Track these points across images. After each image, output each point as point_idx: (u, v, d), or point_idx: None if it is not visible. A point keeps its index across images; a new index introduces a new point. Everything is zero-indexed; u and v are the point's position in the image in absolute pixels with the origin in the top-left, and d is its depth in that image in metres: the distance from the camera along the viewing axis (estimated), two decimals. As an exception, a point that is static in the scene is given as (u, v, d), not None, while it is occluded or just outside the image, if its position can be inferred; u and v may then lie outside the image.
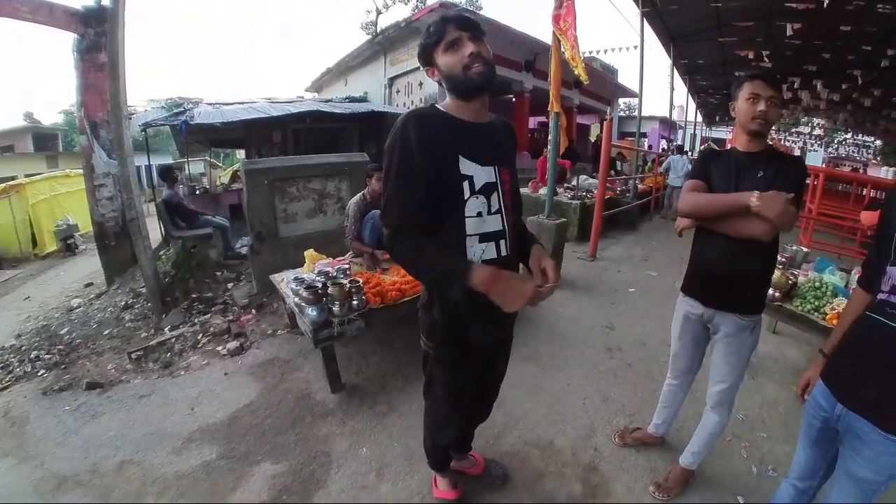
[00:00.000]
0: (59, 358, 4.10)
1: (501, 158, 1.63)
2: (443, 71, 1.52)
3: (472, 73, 1.47)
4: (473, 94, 1.54)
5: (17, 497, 2.51)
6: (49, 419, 3.19)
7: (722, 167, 2.00)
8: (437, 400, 1.94)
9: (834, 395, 1.54)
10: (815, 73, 9.55)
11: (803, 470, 1.79)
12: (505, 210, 1.62)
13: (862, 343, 1.50)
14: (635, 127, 11.95)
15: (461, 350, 1.72)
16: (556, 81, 5.31)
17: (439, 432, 2.06)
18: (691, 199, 1.99)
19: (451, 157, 1.51)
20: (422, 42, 1.55)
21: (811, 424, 1.68)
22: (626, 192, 9.66)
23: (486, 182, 1.56)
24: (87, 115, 5.67)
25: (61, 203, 11.26)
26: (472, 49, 1.46)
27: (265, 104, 9.25)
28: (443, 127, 1.52)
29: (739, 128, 1.99)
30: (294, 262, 4.16)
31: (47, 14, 5.25)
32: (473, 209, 1.55)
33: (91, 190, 5.83)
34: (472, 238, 1.56)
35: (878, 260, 1.52)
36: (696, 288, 2.15)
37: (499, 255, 1.61)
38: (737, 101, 1.95)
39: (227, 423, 3.01)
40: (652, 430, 2.69)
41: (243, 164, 5.05)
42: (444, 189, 1.52)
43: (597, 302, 5.08)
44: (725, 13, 8.19)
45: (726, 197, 1.88)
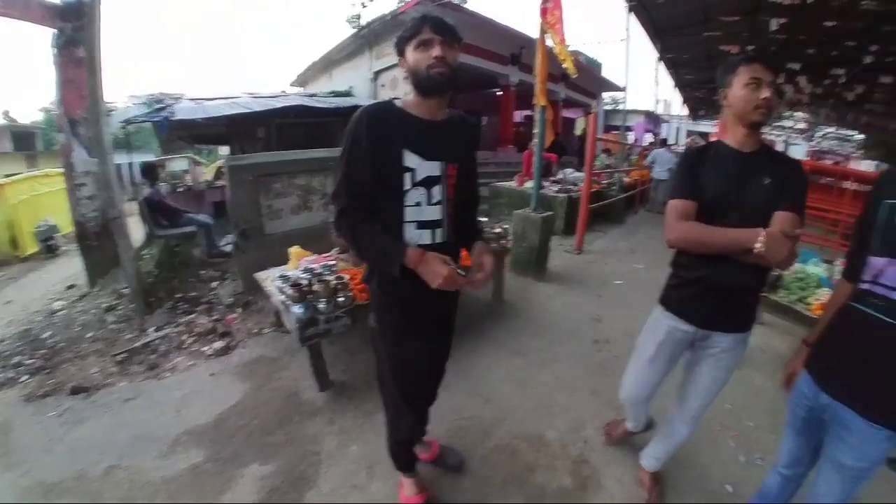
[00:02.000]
0: (43, 363, 4.01)
1: (451, 154, 1.73)
2: (409, 65, 1.64)
3: (434, 73, 1.58)
4: (431, 92, 1.65)
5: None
6: (33, 426, 3.13)
7: (717, 171, 1.75)
8: (389, 385, 2.03)
9: (818, 384, 1.58)
10: (800, 68, 9.61)
11: (789, 458, 1.84)
12: (447, 202, 1.74)
13: (845, 333, 1.54)
14: (620, 121, 12.02)
15: (400, 319, 1.85)
16: (542, 75, 5.30)
17: (397, 421, 2.11)
18: (682, 232, 1.74)
19: (396, 150, 1.63)
20: (399, 34, 1.66)
21: (796, 413, 1.73)
22: (612, 186, 9.69)
23: (429, 175, 1.68)
24: (66, 112, 5.54)
25: (42, 203, 11.00)
26: (439, 52, 1.57)
27: (248, 99, 9.17)
28: (392, 122, 1.64)
29: (736, 119, 1.74)
30: (279, 259, 4.11)
31: (23, 8, 5.12)
32: (413, 199, 1.67)
33: (71, 189, 5.70)
34: (409, 224, 1.69)
35: (860, 250, 1.53)
36: (690, 308, 1.91)
37: (433, 242, 1.73)
38: (730, 87, 1.73)
39: (214, 424, 2.97)
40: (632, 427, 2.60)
41: (226, 161, 5.00)
42: (387, 178, 1.64)
43: (584, 295, 5.10)
44: (711, 7, 8.24)
45: (725, 235, 1.65)
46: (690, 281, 1.86)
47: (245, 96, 9.72)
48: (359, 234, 1.68)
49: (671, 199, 1.79)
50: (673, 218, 1.76)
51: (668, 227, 1.77)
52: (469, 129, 1.88)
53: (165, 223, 6.45)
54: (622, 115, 12.16)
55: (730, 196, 1.70)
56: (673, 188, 1.83)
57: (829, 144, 30.06)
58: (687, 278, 1.88)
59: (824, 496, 1.59)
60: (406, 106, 1.70)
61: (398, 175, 1.64)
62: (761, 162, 1.73)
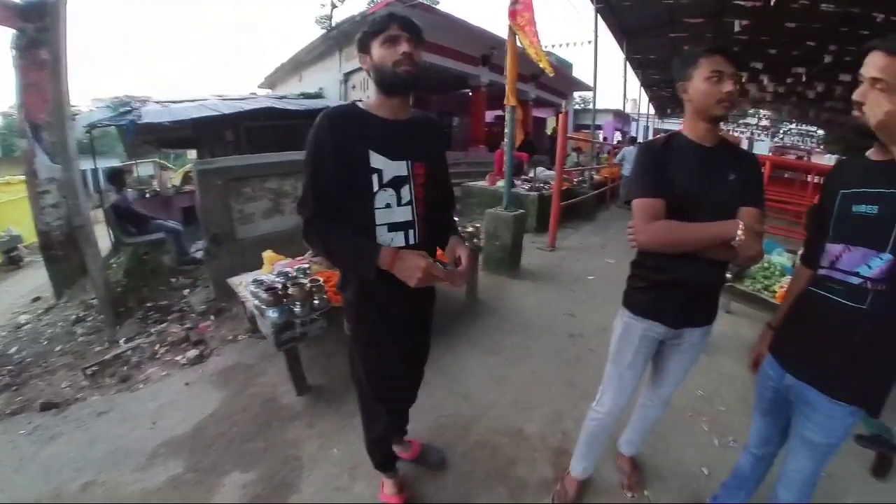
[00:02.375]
0: (10, 379, 3.88)
1: (416, 153, 1.71)
2: (374, 62, 1.61)
3: (400, 71, 1.57)
4: (395, 91, 1.64)
5: None
6: (3, 445, 3.03)
7: (682, 166, 1.65)
8: (360, 384, 2.03)
9: (782, 366, 1.65)
10: (762, 67, 9.86)
11: (758, 438, 1.91)
12: (416, 202, 1.71)
13: (806, 316, 1.61)
14: (590, 120, 12.16)
15: (374, 326, 1.84)
16: (511, 75, 5.35)
17: (371, 422, 2.12)
18: (657, 233, 1.62)
19: (361, 153, 1.60)
20: (364, 29, 1.64)
21: (762, 395, 1.80)
22: (583, 183, 9.82)
23: (396, 176, 1.66)
24: (27, 117, 5.36)
25: (3, 213, 10.71)
26: (407, 49, 1.56)
27: (217, 101, 9.05)
28: (354, 124, 1.63)
29: (696, 114, 1.66)
30: (252, 264, 4.07)
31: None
32: (382, 201, 1.65)
33: (34, 197, 5.53)
34: (381, 227, 1.67)
35: (817, 238, 1.60)
36: (661, 310, 1.82)
37: (407, 244, 1.71)
38: (690, 80, 1.63)
39: (191, 434, 2.93)
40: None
41: (195, 165, 4.92)
42: (354, 181, 1.62)
43: (557, 291, 5.17)
44: (677, 10, 8.43)
45: (704, 230, 1.57)
46: (659, 283, 1.78)
47: (213, 98, 9.58)
48: (329, 240, 1.64)
49: (636, 197, 1.67)
50: (642, 218, 1.63)
51: (638, 229, 1.65)
52: (434, 128, 1.89)
53: (133, 230, 6.31)
54: (591, 114, 12.29)
55: (696, 193, 1.62)
56: (638, 185, 1.70)
57: (791, 140, 30.99)
58: (655, 280, 1.79)
59: (795, 472, 1.66)
60: (369, 107, 1.68)
61: (365, 177, 1.62)
62: (723, 157, 1.67)
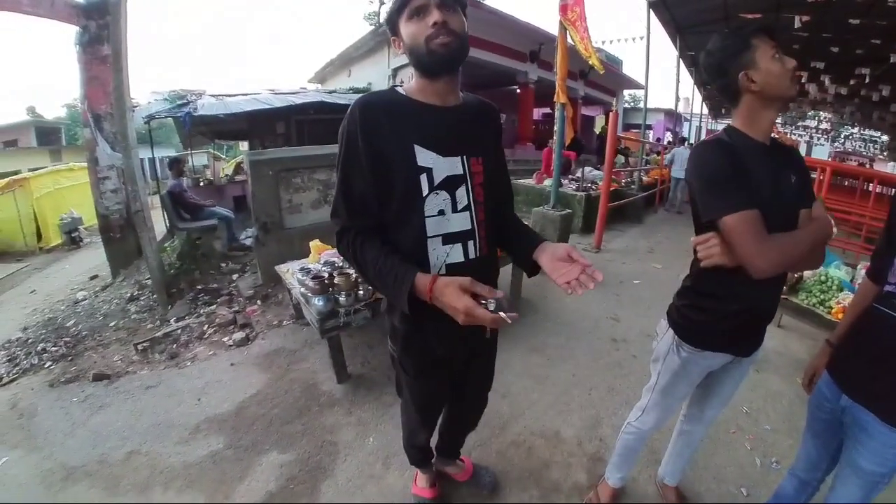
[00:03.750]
0: (66, 350, 4.10)
1: (472, 147, 1.42)
2: (406, 42, 1.31)
3: (435, 45, 1.25)
4: (437, 70, 1.32)
5: (26, 490, 2.51)
6: (56, 411, 3.19)
7: (758, 169, 1.39)
8: (407, 402, 1.89)
9: (839, 386, 1.52)
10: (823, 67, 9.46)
11: (807, 461, 1.77)
12: (475, 206, 1.41)
13: (868, 335, 1.47)
14: (640, 119, 11.91)
15: (422, 359, 1.59)
16: (562, 72, 5.28)
17: (413, 433, 2.03)
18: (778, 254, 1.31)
19: (405, 148, 1.31)
20: (389, 7, 1.36)
21: (815, 415, 1.67)
22: (631, 185, 9.63)
23: (449, 175, 1.36)
24: (90, 108, 5.67)
25: (65, 196, 11.27)
26: (438, 17, 1.24)
27: (269, 95, 9.25)
28: (394, 113, 1.32)
29: (769, 102, 1.42)
30: (299, 252, 4.15)
31: (49, 7, 5.23)
32: (434, 207, 1.35)
33: (95, 183, 5.84)
34: (433, 239, 1.37)
35: (886, 251, 1.48)
36: (736, 342, 1.64)
37: (466, 258, 1.42)
38: (756, 66, 1.38)
39: (234, 413, 3.01)
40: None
41: (248, 156, 5.05)
42: (397, 184, 1.33)
43: (602, 293, 5.07)
44: (732, 4, 8.15)
45: (808, 236, 1.38)
46: (732, 313, 1.55)
47: (265, 93, 9.81)
48: (361, 259, 1.36)
49: (730, 211, 1.32)
50: (754, 237, 1.30)
51: (752, 252, 1.30)
52: (490, 114, 1.56)
53: (187, 216, 6.55)
54: (642, 113, 12.03)
55: (774, 199, 1.38)
56: (727, 195, 1.35)
57: (853, 145, 29.57)
58: (726, 311, 1.56)
59: (842, 500, 1.54)
60: (410, 93, 1.38)
61: (411, 178, 1.32)
62: (782, 156, 1.49)
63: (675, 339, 1.69)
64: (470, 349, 1.67)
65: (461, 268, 1.38)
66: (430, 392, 1.74)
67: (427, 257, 1.38)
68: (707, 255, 1.43)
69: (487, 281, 1.32)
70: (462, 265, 1.40)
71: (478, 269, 1.40)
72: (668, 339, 1.73)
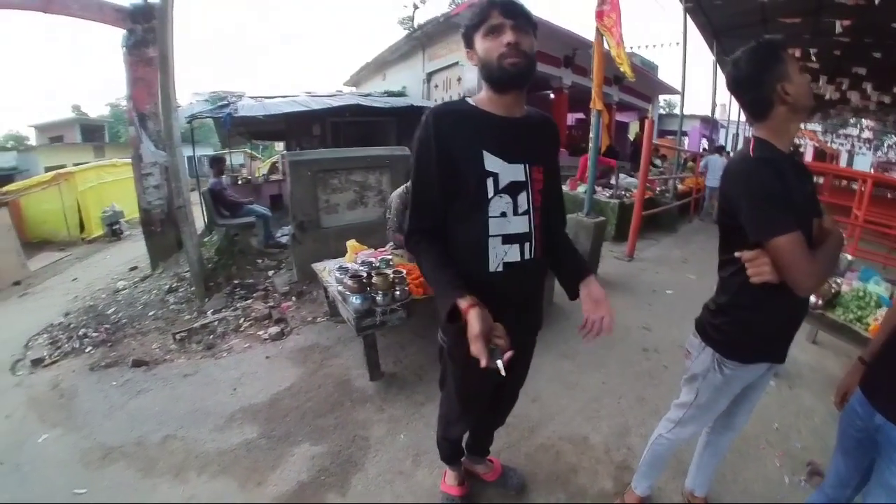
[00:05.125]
0: (106, 336, 4.25)
1: (534, 156, 1.53)
2: (479, 56, 1.44)
3: (506, 64, 1.38)
4: (506, 86, 1.45)
5: (66, 467, 2.60)
6: (96, 393, 3.32)
7: (794, 189, 1.43)
8: (449, 394, 1.93)
9: (872, 404, 1.48)
10: (865, 73, 9.18)
11: (836, 478, 1.74)
12: (534, 211, 1.52)
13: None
14: (675, 125, 11.74)
15: None
16: (598, 78, 5.26)
17: (450, 426, 2.06)
18: (819, 271, 1.40)
19: (474, 154, 1.44)
20: (465, 24, 1.48)
21: (847, 433, 1.63)
22: (666, 193, 9.49)
23: (513, 181, 1.47)
24: (135, 108, 5.87)
25: (108, 191, 11.65)
26: (511, 38, 1.37)
27: (306, 98, 9.43)
28: (465, 122, 1.46)
29: (796, 114, 1.48)
30: (334, 252, 4.23)
31: (97, 11, 5.46)
32: (497, 209, 1.47)
33: (139, 178, 6.04)
34: (494, 239, 1.48)
35: None
36: (777, 349, 1.68)
37: (522, 258, 1.52)
38: (789, 78, 1.43)
39: (268, 404, 3.08)
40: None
41: (287, 156, 5.17)
42: (466, 186, 1.45)
43: (633, 302, 5.02)
44: (771, 8, 7.95)
45: (833, 250, 1.48)
46: (775, 325, 1.62)
47: (303, 95, 10.00)
48: (422, 264, 1.52)
49: (784, 233, 1.35)
50: (805, 259, 1.35)
51: (804, 272, 1.36)
52: (550, 128, 1.67)
53: (226, 213, 6.71)
54: (678, 119, 11.85)
55: (804, 212, 1.45)
56: (780, 216, 1.38)
57: (897, 156, 28.41)
58: (771, 323, 1.60)
59: None
60: (480, 104, 1.50)
61: (479, 181, 1.44)
62: (799, 166, 1.55)
63: (717, 357, 1.69)
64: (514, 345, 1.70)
65: (517, 267, 1.51)
66: (475, 382, 1.77)
67: (487, 255, 1.49)
68: (758, 273, 1.44)
69: (538, 282, 1.66)
70: (518, 265, 1.52)
71: (531, 269, 1.56)
72: (706, 358, 1.72)
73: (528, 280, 1.60)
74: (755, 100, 1.49)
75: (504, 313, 1.39)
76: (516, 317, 1.53)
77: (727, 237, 1.60)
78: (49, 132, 25.61)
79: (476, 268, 1.50)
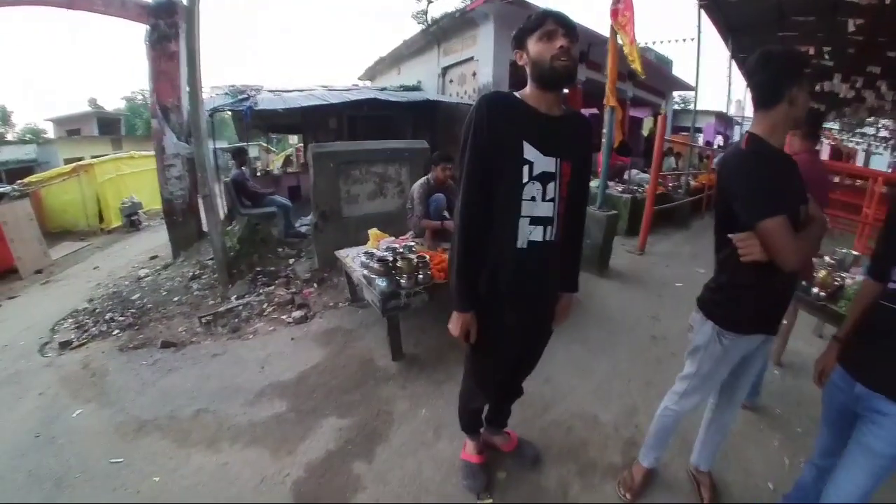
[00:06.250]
0: (133, 320, 4.39)
1: (566, 152, 1.69)
2: (532, 57, 1.62)
3: (558, 65, 1.56)
4: (553, 85, 1.64)
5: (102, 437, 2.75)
6: (127, 372, 3.46)
7: (784, 179, 1.64)
8: (473, 366, 2.10)
9: (853, 376, 1.62)
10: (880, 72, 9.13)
11: (824, 449, 1.89)
12: (559, 200, 1.70)
13: (879, 328, 1.59)
14: (690, 121, 11.71)
15: (495, 323, 1.83)
16: (612, 75, 5.33)
17: (471, 396, 2.22)
18: (802, 251, 1.61)
19: (516, 141, 1.61)
20: (521, 27, 1.66)
21: (830, 406, 1.79)
22: (678, 189, 9.51)
23: (545, 171, 1.65)
24: (158, 101, 6.02)
25: (126, 182, 11.82)
26: (564, 43, 1.56)
27: (323, 91, 9.48)
28: (512, 111, 1.64)
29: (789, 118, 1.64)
30: (354, 240, 4.33)
31: (120, 7, 5.61)
32: (529, 193, 1.65)
33: (161, 170, 6.20)
34: (524, 219, 1.67)
35: (888, 251, 1.63)
36: (771, 319, 1.86)
37: (544, 239, 1.71)
38: (802, 87, 1.60)
39: (295, 381, 3.21)
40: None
41: (312, 148, 5.26)
42: (506, 168, 1.63)
43: (643, 294, 5.10)
44: (786, 6, 7.95)
45: (817, 232, 1.69)
46: (767, 299, 1.79)
47: (320, 89, 10.07)
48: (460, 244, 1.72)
49: (771, 214, 1.54)
50: (789, 239, 1.54)
51: (789, 250, 1.55)
52: (586, 128, 1.84)
53: (248, 203, 6.82)
54: (692, 115, 11.83)
55: (790, 199, 1.63)
56: (769, 201, 1.56)
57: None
58: (763, 297, 1.77)
59: (846, 484, 1.61)
60: (525, 98, 1.68)
61: (517, 166, 1.62)
62: (791, 162, 1.72)
63: (716, 329, 1.85)
64: (534, 317, 1.94)
65: (539, 246, 1.71)
66: (497, 353, 1.96)
67: (517, 232, 1.68)
68: (748, 252, 1.63)
69: (556, 260, 1.83)
70: (540, 244, 1.71)
71: (551, 249, 1.75)
72: (707, 330, 1.89)
73: (547, 257, 1.76)
74: (769, 85, 1.63)
75: (526, 283, 1.75)
76: (534, 294, 1.81)
77: (723, 222, 1.77)
78: (66, 125, 25.98)
79: (507, 243, 1.70)
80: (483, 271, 1.77)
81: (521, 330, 1.92)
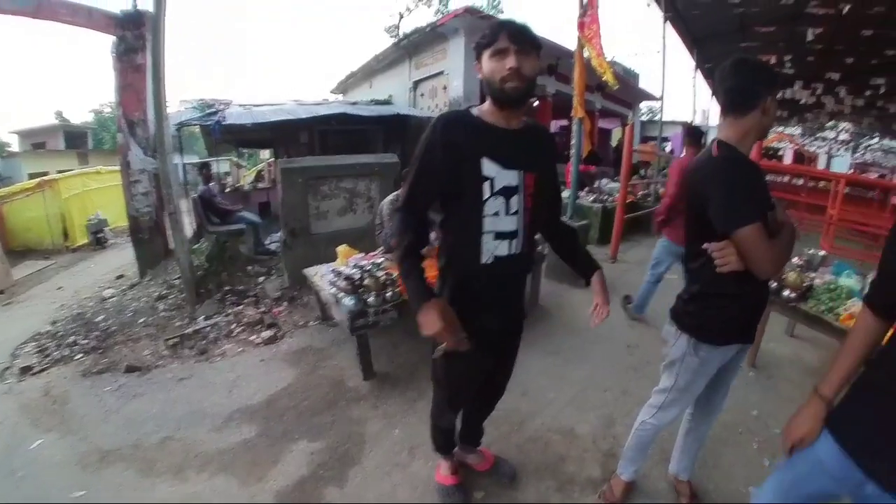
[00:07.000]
0: (96, 343, 4.25)
1: (528, 164, 1.66)
2: (484, 74, 1.58)
3: (507, 88, 1.52)
4: (504, 105, 1.60)
5: (63, 469, 2.63)
6: (90, 398, 3.34)
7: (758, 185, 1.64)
8: (441, 382, 2.06)
9: (862, 467, 1.13)
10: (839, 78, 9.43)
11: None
12: (524, 212, 1.66)
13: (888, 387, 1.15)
14: (657, 131, 11.91)
15: (467, 329, 1.72)
16: (580, 87, 5.40)
17: (441, 415, 2.19)
18: (780, 259, 1.62)
19: (474, 159, 1.57)
20: (477, 40, 1.61)
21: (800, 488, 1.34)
22: (648, 197, 9.66)
23: (507, 185, 1.61)
24: (124, 114, 5.89)
25: (92, 198, 11.54)
26: (514, 64, 1.49)
27: (294, 106, 9.44)
28: (469, 130, 1.60)
29: (759, 134, 1.68)
30: (324, 257, 4.27)
31: (86, 17, 5.48)
32: (491, 209, 1.61)
33: (127, 185, 6.04)
34: (487, 235, 1.63)
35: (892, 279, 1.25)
36: (745, 330, 1.81)
37: (510, 252, 1.68)
38: (773, 100, 1.63)
39: (265, 404, 3.15)
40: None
41: (280, 163, 5.22)
42: (465, 187, 1.60)
43: (617, 302, 5.13)
44: (748, 17, 8.16)
45: (789, 238, 1.63)
46: (743, 308, 1.75)
47: (290, 103, 10.02)
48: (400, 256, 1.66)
49: (749, 222, 1.50)
50: (766, 247, 1.52)
51: (766, 258, 1.53)
52: (546, 139, 1.85)
53: (216, 220, 6.72)
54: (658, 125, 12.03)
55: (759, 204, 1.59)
56: (747, 208, 1.53)
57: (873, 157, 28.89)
58: (738, 307, 1.74)
59: None
60: (482, 114, 1.64)
61: (477, 184, 1.58)
62: (755, 165, 1.71)
63: (692, 342, 1.83)
64: (504, 327, 1.93)
65: (504, 259, 1.68)
66: (468, 368, 1.93)
67: (480, 249, 1.65)
68: (726, 261, 1.60)
69: (523, 272, 1.88)
70: (505, 257, 1.68)
71: (517, 262, 1.73)
72: (682, 343, 1.86)
73: (512, 271, 1.76)
74: (743, 92, 1.61)
75: (491, 300, 1.75)
76: (502, 303, 1.81)
77: (695, 231, 1.74)
78: (32, 138, 25.36)
79: (469, 261, 1.67)
80: (445, 286, 1.77)
81: (487, 347, 1.87)
